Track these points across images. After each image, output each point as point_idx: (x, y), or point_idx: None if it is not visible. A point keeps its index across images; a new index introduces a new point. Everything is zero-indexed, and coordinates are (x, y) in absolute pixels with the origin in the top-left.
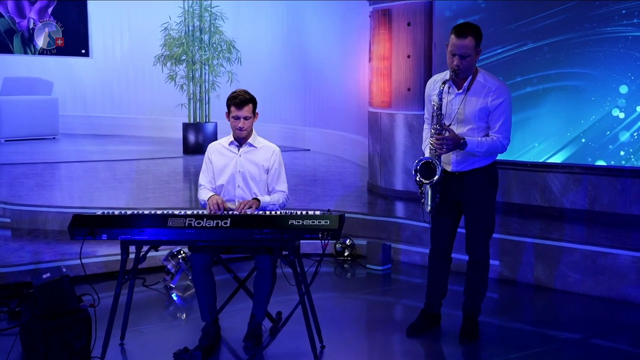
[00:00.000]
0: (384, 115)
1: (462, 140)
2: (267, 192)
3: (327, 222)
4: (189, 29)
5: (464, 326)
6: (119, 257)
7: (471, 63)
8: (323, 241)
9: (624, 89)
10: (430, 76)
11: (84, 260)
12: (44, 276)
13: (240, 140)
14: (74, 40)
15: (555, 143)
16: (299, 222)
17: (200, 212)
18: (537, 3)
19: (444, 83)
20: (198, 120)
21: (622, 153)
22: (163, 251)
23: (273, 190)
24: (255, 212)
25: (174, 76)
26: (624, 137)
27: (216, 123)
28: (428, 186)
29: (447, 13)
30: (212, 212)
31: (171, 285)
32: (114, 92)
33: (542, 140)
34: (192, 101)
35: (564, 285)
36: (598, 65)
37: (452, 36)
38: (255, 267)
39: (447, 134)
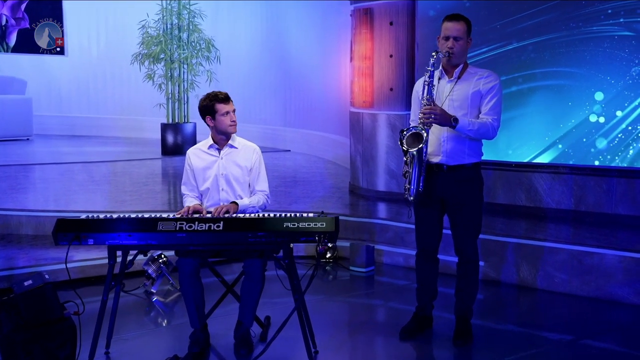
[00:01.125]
0: (366, 116)
1: (452, 118)
2: (245, 190)
3: (323, 224)
4: (167, 27)
5: (457, 328)
6: (95, 262)
7: (463, 48)
8: (320, 244)
9: (599, 96)
10: (413, 76)
11: (59, 266)
12: (26, 283)
13: (221, 142)
14: None
15: (540, 143)
16: (295, 224)
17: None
18: (522, 2)
19: (435, 52)
20: (177, 121)
21: (602, 157)
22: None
23: (253, 190)
24: (248, 215)
25: (152, 75)
26: (602, 143)
27: (195, 123)
28: (415, 162)
29: (431, 12)
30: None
31: (152, 290)
32: (90, 92)
33: (528, 140)
34: (170, 101)
35: (549, 286)
36: (584, 65)
37: (445, 22)
38: (243, 271)
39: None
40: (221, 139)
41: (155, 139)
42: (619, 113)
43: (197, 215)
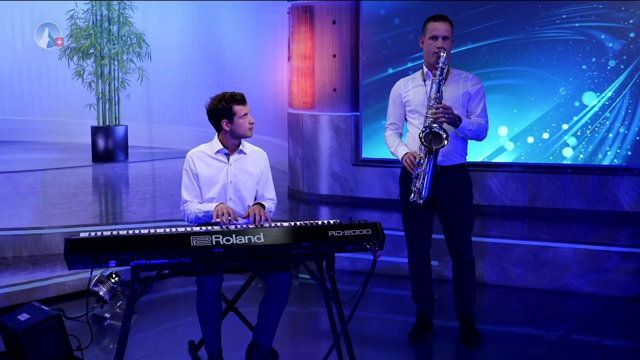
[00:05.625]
0: (306, 117)
1: (457, 117)
2: (253, 200)
3: (369, 231)
4: (96, 18)
5: (465, 330)
6: (23, 287)
7: (450, 48)
8: (374, 253)
9: (551, 100)
10: (358, 76)
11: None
12: (21, 317)
13: (232, 147)
14: None
15: (494, 143)
16: (339, 232)
17: (212, 227)
18: (476, 3)
19: (442, 50)
20: (108, 123)
21: (552, 157)
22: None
23: (262, 197)
24: (286, 224)
25: (82, 72)
26: (556, 143)
27: (126, 126)
28: (431, 162)
29: (382, 11)
30: (223, 222)
31: (105, 315)
32: (14, 90)
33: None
34: (101, 101)
35: (506, 281)
36: (538, 68)
37: (431, 23)
38: (269, 287)
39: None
40: (233, 143)
41: (85, 144)
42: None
43: (234, 228)
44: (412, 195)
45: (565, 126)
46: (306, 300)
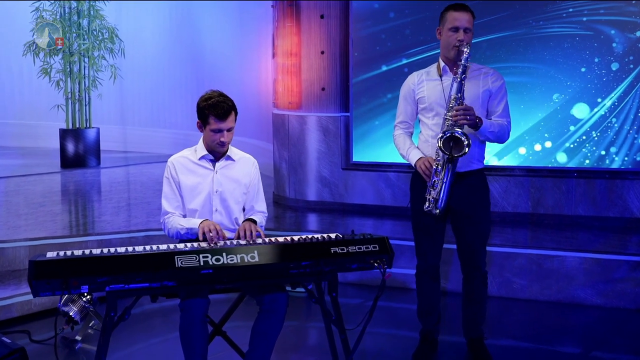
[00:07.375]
0: (292, 118)
1: (478, 118)
2: (242, 212)
3: (376, 247)
4: (65, 10)
5: (477, 351)
6: (9, 302)
7: (471, 40)
8: (383, 271)
9: (556, 97)
10: (348, 74)
11: None
12: None
13: (216, 153)
14: None
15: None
16: (343, 249)
17: (199, 244)
18: None
19: (466, 45)
20: (77, 126)
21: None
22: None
23: (252, 209)
24: (282, 240)
25: (49, 69)
26: (562, 145)
27: (98, 129)
28: (449, 170)
29: (376, 5)
30: (210, 241)
31: (76, 337)
32: None
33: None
34: (70, 102)
35: (508, 292)
36: (543, 65)
37: (451, 12)
38: (264, 308)
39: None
40: (217, 151)
41: (53, 149)
42: (579, 116)
43: (222, 244)
44: (427, 205)
45: (559, 135)
46: (292, 315)
